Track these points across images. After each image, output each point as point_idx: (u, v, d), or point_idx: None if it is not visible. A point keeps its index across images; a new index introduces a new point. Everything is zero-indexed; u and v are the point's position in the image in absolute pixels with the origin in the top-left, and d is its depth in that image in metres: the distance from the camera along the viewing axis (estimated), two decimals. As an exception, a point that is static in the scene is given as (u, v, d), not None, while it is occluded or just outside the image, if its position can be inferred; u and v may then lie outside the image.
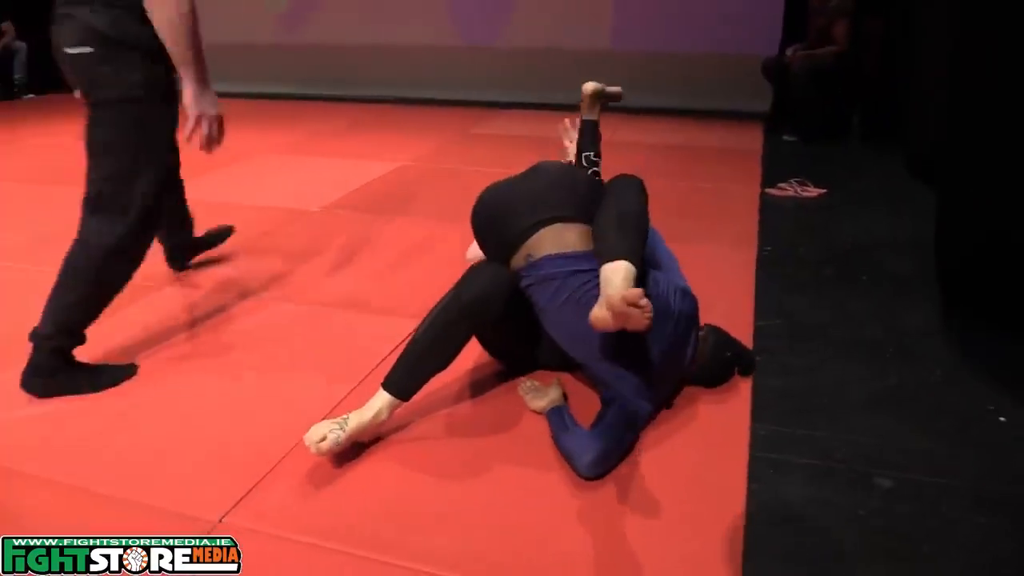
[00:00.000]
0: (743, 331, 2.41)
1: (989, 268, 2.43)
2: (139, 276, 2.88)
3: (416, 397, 1.91)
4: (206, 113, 2.13)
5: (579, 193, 2.13)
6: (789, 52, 5.27)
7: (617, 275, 1.76)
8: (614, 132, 5.44)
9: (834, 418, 2.01)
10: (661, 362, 1.93)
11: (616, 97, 2.57)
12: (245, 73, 7.09)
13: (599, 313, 1.72)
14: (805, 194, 3.97)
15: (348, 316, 2.61)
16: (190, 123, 2.12)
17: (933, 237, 2.70)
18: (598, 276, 1.81)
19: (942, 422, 1.99)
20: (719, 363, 2.10)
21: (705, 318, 2.27)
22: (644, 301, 1.64)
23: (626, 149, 4.88)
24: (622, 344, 1.88)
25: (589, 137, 2.49)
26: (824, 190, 4.00)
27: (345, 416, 1.83)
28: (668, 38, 6.10)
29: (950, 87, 2.62)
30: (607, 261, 1.80)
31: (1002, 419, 2.01)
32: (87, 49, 2.01)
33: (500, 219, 2.10)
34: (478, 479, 1.78)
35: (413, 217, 3.66)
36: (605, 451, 1.77)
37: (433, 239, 3.35)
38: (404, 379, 1.88)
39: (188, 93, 2.09)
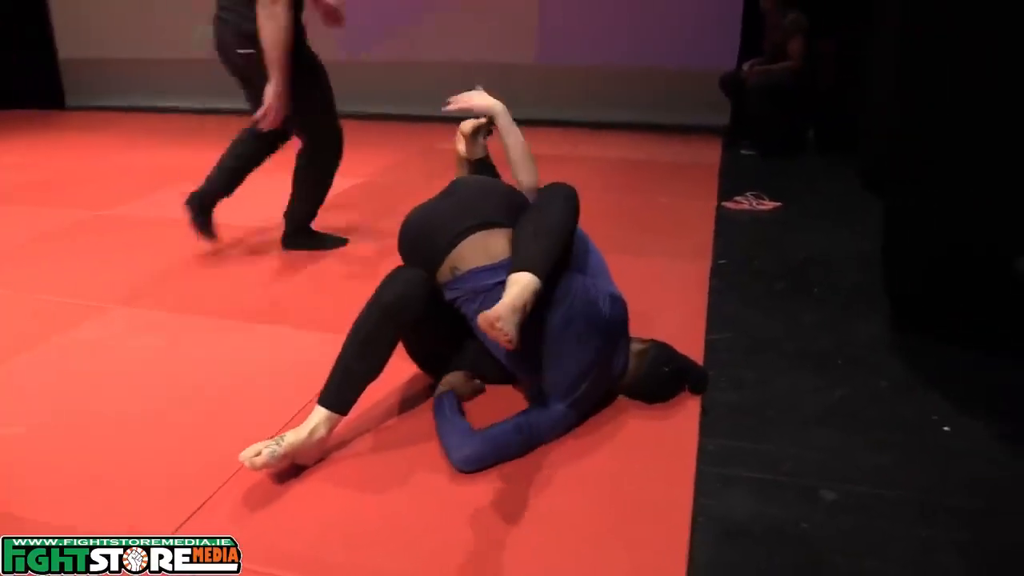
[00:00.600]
0: (695, 344, 2.43)
1: (935, 282, 2.47)
2: (90, 297, 2.87)
3: (352, 416, 1.90)
4: (274, 105, 2.90)
5: (501, 199, 2.14)
6: (746, 67, 5.35)
7: (513, 287, 1.78)
8: (574, 147, 5.48)
9: (784, 431, 2.02)
10: (589, 369, 1.94)
11: (493, 119, 2.34)
12: (203, 88, 7.04)
13: (479, 321, 1.74)
14: (760, 207, 4.01)
15: (298, 336, 2.58)
16: (262, 109, 2.91)
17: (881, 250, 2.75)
18: None
19: (889, 433, 2.01)
20: (655, 379, 2.08)
21: (657, 330, 2.28)
22: (499, 325, 1.68)
23: (585, 164, 4.91)
24: (551, 351, 1.91)
25: (490, 176, 2.41)
26: (779, 203, 4.05)
27: (282, 435, 1.81)
28: (628, 52, 6.15)
29: (898, 103, 2.66)
30: (514, 271, 1.83)
31: (946, 429, 2.03)
32: (251, 50, 2.87)
33: (424, 238, 2.08)
34: (419, 494, 1.76)
35: (370, 234, 3.64)
36: (482, 453, 1.82)
37: (391, 257, 3.32)
38: (336, 391, 1.87)
39: (270, 87, 2.87)
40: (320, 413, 1.85)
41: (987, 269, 2.29)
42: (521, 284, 1.79)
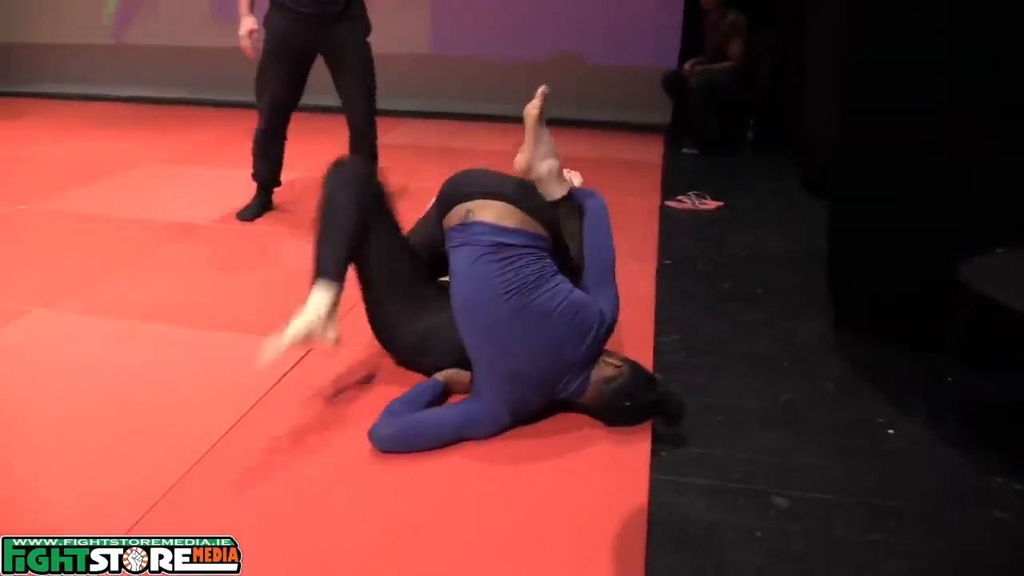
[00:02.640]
0: (644, 348, 2.42)
1: (878, 283, 2.51)
2: (9, 299, 2.70)
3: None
4: None
5: (535, 201, 2.18)
6: (687, 66, 5.39)
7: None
8: (517, 143, 5.42)
9: (733, 436, 2.02)
10: (526, 370, 1.93)
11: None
12: (128, 76, 6.77)
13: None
14: (703, 207, 4.04)
15: (238, 340, 2.46)
16: None
17: (823, 249, 2.78)
18: (520, 256, 1.99)
19: (835, 437, 2.03)
20: (614, 410, 2.00)
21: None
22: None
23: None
24: (496, 337, 1.94)
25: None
26: (721, 203, 4.09)
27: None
28: (571, 49, 6.12)
29: (839, 104, 2.69)
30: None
31: (891, 431, 2.07)
32: None
33: (470, 179, 2.17)
34: (371, 509, 1.70)
35: (310, 231, 3.51)
36: (401, 436, 1.88)
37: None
38: (323, 262, 1.98)
39: None
40: (320, 287, 1.94)
41: (930, 272, 2.32)
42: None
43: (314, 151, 5.04)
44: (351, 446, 1.92)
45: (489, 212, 2.06)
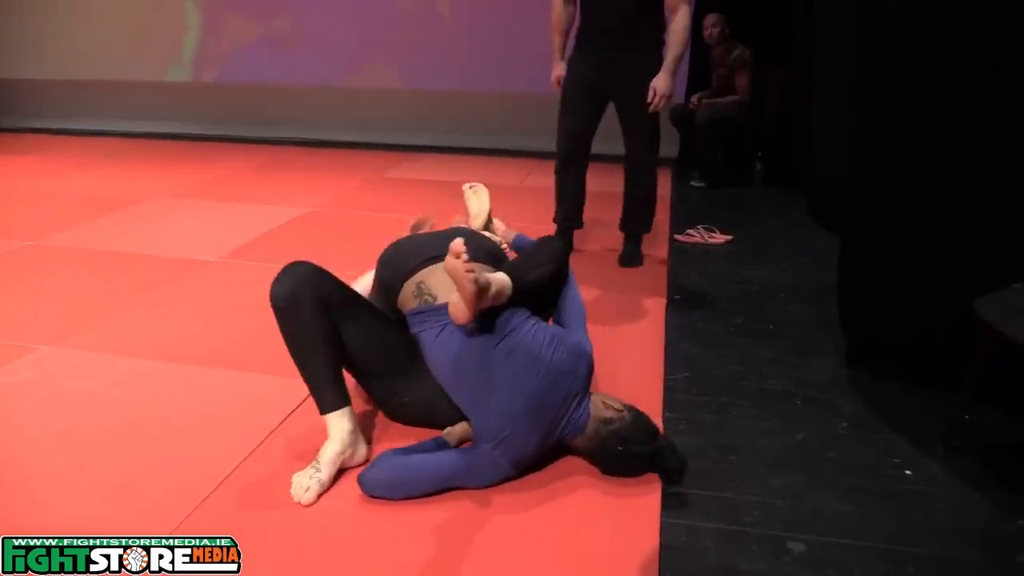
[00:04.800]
0: (653, 387, 2.38)
1: (890, 317, 2.47)
2: (15, 336, 2.68)
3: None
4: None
5: (484, 242, 2.24)
6: (694, 100, 5.40)
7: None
8: (525, 177, 5.44)
9: (746, 477, 1.97)
10: (519, 411, 1.85)
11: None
12: (146, 111, 6.84)
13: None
14: (712, 240, 4.02)
15: (245, 378, 2.44)
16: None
17: (834, 283, 2.75)
18: (489, 311, 1.93)
19: (851, 478, 1.98)
20: (607, 453, 1.91)
21: (616, 370, 2.22)
22: (473, 271, 1.79)
23: (540, 195, 4.86)
24: (486, 385, 1.89)
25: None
26: (730, 236, 4.07)
27: (316, 459, 1.87)
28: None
29: (848, 134, 2.67)
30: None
31: (908, 472, 2.01)
32: None
33: (404, 252, 2.16)
34: (373, 557, 1.66)
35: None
36: (391, 479, 1.82)
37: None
38: (322, 396, 1.92)
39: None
40: (331, 419, 1.91)
41: (946, 306, 2.28)
42: (498, 276, 1.93)
43: (318, 186, 5.09)
44: (355, 492, 1.89)
45: (445, 281, 1.98)
